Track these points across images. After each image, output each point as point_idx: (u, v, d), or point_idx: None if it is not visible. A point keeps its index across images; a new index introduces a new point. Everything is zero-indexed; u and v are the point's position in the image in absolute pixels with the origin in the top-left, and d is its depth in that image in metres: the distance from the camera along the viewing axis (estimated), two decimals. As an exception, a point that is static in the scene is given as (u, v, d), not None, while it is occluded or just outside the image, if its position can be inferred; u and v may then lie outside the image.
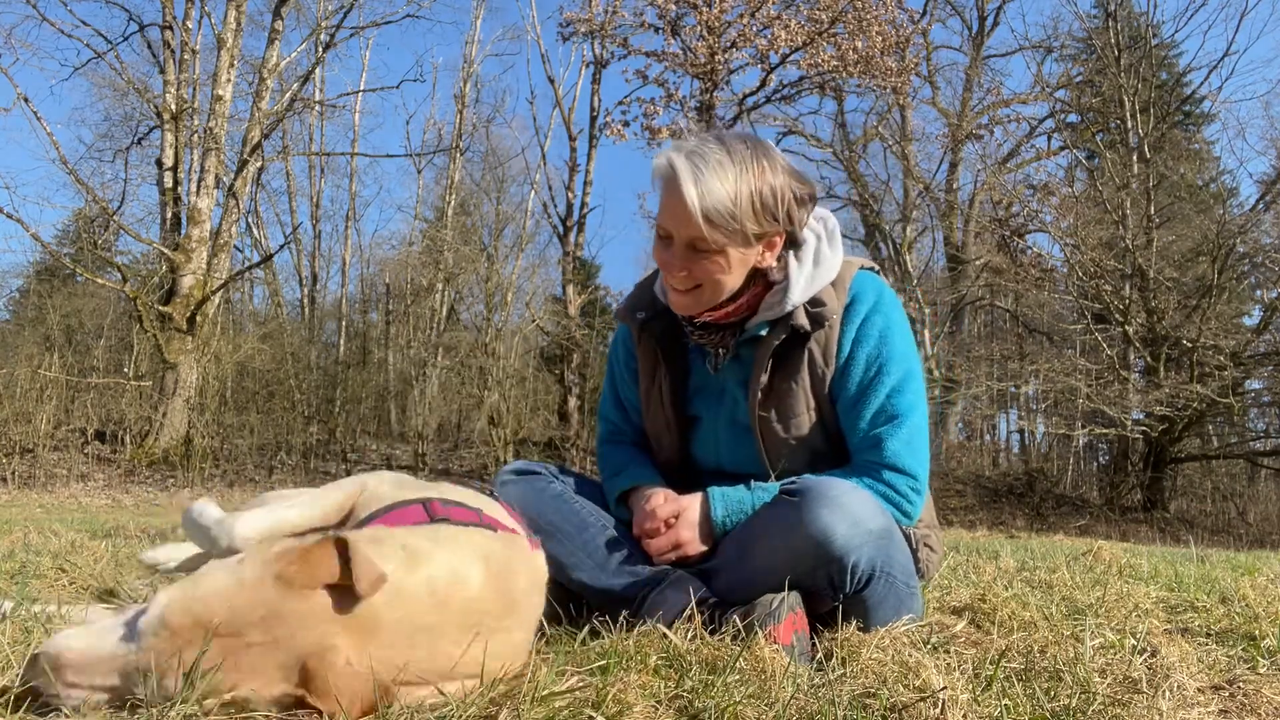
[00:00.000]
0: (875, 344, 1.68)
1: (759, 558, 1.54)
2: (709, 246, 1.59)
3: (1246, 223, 16.89)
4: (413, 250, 22.88)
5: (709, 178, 1.55)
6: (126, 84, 16.08)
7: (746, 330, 1.73)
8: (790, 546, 1.47)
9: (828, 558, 1.44)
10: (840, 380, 1.69)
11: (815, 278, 1.68)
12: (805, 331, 1.67)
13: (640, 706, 1.05)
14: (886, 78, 14.17)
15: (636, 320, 1.83)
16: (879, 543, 1.48)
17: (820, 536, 1.43)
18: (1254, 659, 1.47)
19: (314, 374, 18.63)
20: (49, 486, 12.54)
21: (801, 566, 1.47)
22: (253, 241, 23.12)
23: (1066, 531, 12.92)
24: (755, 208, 1.58)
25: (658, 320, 1.82)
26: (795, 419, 1.70)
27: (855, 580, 1.48)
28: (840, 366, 1.69)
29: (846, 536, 1.43)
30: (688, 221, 1.56)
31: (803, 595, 1.50)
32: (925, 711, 1.07)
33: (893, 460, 1.63)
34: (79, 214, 17.68)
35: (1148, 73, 18.53)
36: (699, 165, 1.56)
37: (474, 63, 23.36)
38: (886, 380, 1.66)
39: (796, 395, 1.69)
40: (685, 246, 1.61)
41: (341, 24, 17.94)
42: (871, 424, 1.66)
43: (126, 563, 2.41)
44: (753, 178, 1.57)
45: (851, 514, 1.45)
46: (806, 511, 1.45)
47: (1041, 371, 17.41)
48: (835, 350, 1.69)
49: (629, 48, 15.02)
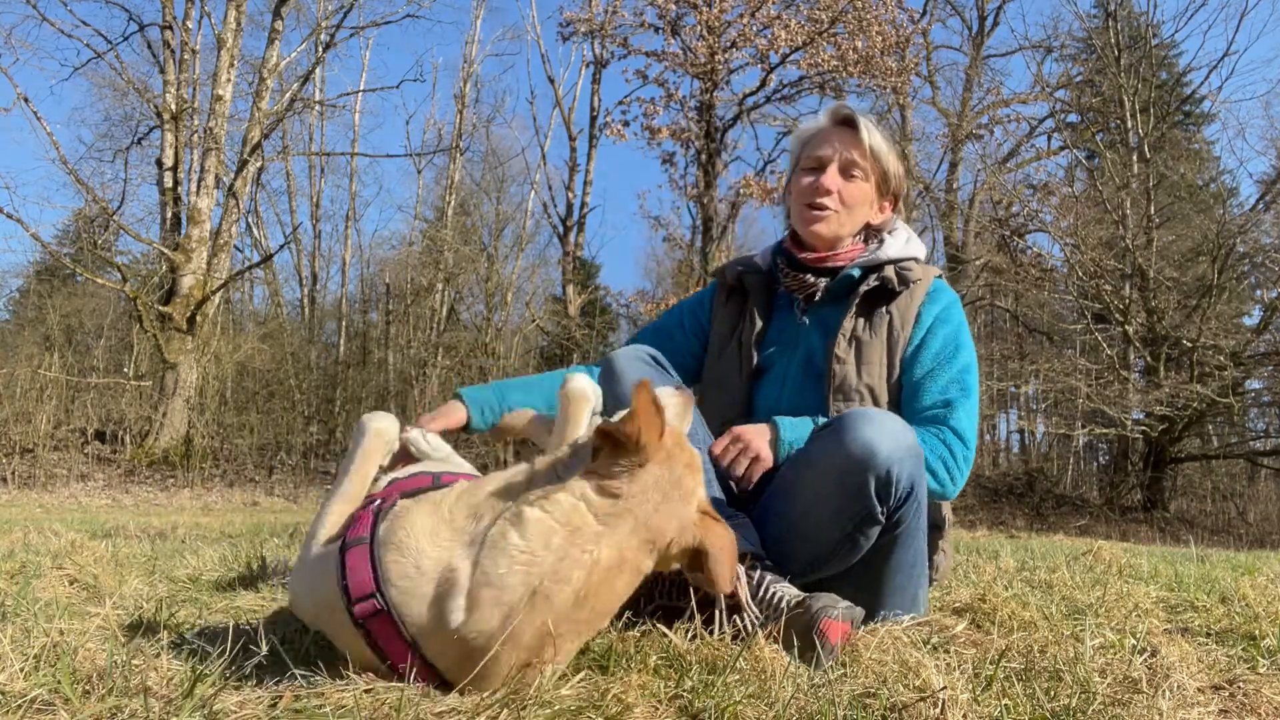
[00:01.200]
0: (954, 328, 1.88)
1: (809, 487, 1.59)
2: (860, 174, 1.90)
3: (1246, 223, 16.89)
4: (413, 250, 22.89)
5: (873, 127, 1.92)
6: (126, 84, 16.09)
7: (839, 276, 1.91)
8: (836, 466, 1.53)
9: (873, 466, 1.51)
10: (917, 352, 1.85)
11: (906, 249, 1.94)
12: (891, 285, 1.86)
13: (640, 707, 1.06)
14: (886, 78, 14.16)
15: (735, 271, 2.04)
16: (915, 460, 1.57)
17: (865, 451, 1.50)
18: (1254, 659, 1.47)
19: (314, 374, 18.63)
20: (49, 486, 12.54)
21: (850, 482, 1.52)
22: (253, 241, 23.14)
23: (1066, 531, 12.93)
24: (897, 165, 1.95)
25: (754, 274, 2.03)
26: (868, 365, 1.84)
27: (898, 494, 1.55)
28: (920, 339, 1.86)
29: (889, 449, 1.52)
30: (857, 146, 1.89)
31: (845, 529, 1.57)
32: (925, 711, 1.07)
33: (957, 425, 1.75)
34: (79, 214, 17.68)
35: (1148, 73, 18.53)
36: (865, 117, 1.92)
37: (474, 63, 23.38)
38: (959, 359, 1.84)
39: (874, 346, 1.85)
40: (840, 170, 1.90)
41: (341, 24, 17.95)
42: (944, 390, 1.80)
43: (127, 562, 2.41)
44: (894, 144, 1.97)
45: (890, 430, 1.54)
46: (849, 430, 1.53)
47: (1041, 371, 17.41)
48: (914, 321, 1.87)
49: (629, 48, 15.02)
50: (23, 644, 1.19)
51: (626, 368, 1.77)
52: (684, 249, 17.92)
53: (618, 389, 1.72)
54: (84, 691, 1.05)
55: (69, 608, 1.60)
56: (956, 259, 19.24)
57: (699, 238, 16.34)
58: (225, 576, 2.16)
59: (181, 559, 2.41)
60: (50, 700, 1.02)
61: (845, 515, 1.55)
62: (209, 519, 6.62)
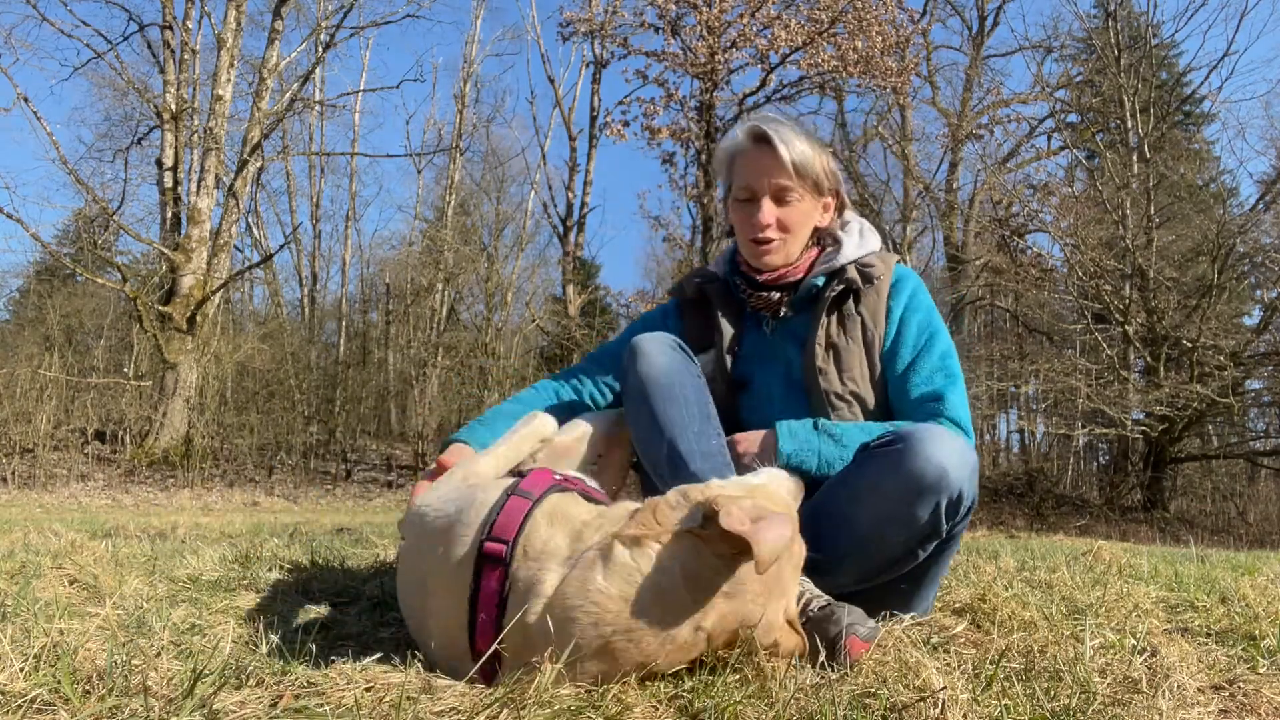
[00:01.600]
0: (925, 314, 1.89)
1: (869, 514, 1.57)
2: (793, 196, 1.85)
3: (1246, 223, 16.88)
4: (413, 250, 22.90)
5: (790, 137, 1.84)
6: (126, 84, 16.08)
7: (801, 288, 1.90)
8: (906, 490, 1.52)
9: (947, 487, 1.51)
10: (895, 346, 1.86)
11: (862, 245, 1.93)
12: (856, 286, 1.86)
13: (640, 707, 1.05)
14: (886, 78, 14.16)
15: (694, 284, 2.02)
16: (975, 474, 1.58)
17: (939, 472, 1.49)
18: (1254, 659, 1.47)
19: (314, 374, 18.63)
20: (49, 486, 12.54)
21: (923, 507, 1.51)
22: (253, 241, 23.15)
23: (1066, 531, 12.92)
24: (825, 167, 1.88)
25: (714, 283, 2.00)
26: (849, 372, 1.84)
27: (963, 510, 1.56)
28: (894, 333, 1.86)
29: (959, 467, 1.52)
30: (780, 171, 1.83)
31: (910, 547, 1.57)
32: (925, 711, 1.07)
33: (953, 414, 1.76)
34: (79, 214, 17.67)
35: (1148, 73, 18.53)
36: (780, 129, 1.84)
37: (474, 63, 23.39)
38: (937, 345, 1.85)
39: (852, 351, 1.85)
40: (772, 199, 1.86)
41: (341, 24, 17.95)
42: (929, 381, 1.81)
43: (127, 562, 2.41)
44: (816, 143, 1.89)
45: (956, 448, 1.53)
46: (918, 454, 1.51)
47: (1041, 371, 17.40)
48: (884, 315, 1.87)
49: (629, 48, 15.02)
50: (23, 644, 1.19)
51: (654, 350, 1.74)
52: (684, 249, 17.91)
53: (644, 368, 1.71)
54: (84, 691, 1.05)
55: (69, 608, 1.60)
56: (956, 259, 19.24)
57: (699, 238, 16.34)
58: (225, 576, 2.16)
59: (181, 559, 2.41)
60: (50, 700, 1.02)
61: (913, 534, 1.55)
62: (209, 519, 6.61)
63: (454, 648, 1.21)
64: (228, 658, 1.22)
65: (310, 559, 2.64)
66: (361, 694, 1.08)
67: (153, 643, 1.29)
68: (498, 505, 1.25)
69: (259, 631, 1.48)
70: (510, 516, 1.22)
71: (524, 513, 1.22)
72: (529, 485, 1.30)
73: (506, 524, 1.21)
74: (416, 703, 1.05)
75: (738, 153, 1.90)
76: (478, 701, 1.05)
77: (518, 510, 1.23)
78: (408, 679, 1.12)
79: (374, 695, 1.09)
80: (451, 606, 1.21)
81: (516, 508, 1.24)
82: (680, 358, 1.77)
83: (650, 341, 1.78)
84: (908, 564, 1.61)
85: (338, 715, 1.01)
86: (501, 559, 1.18)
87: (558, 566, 1.15)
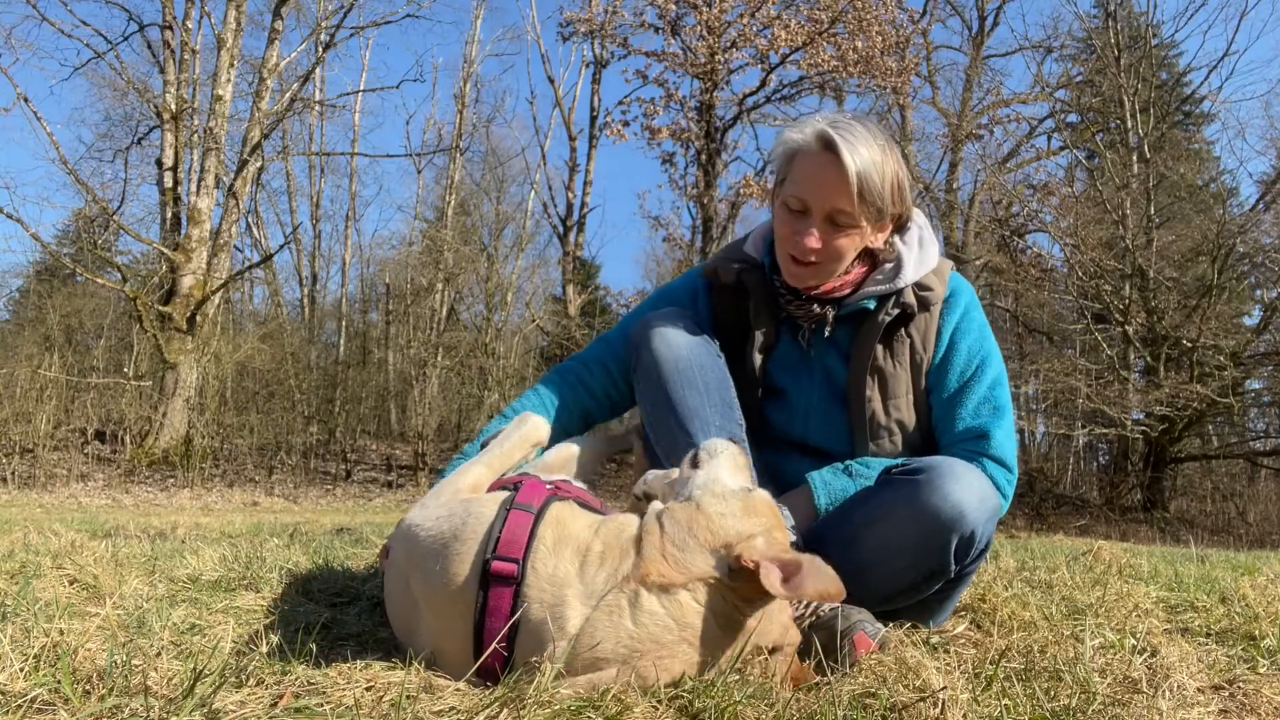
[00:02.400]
0: (977, 337, 1.73)
1: (876, 541, 1.52)
2: (849, 221, 1.61)
3: (1246, 223, 16.89)
4: (413, 250, 22.89)
5: (864, 152, 1.55)
6: (126, 84, 16.09)
7: (848, 305, 1.72)
8: (919, 523, 1.46)
9: (961, 530, 1.45)
10: (942, 368, 1.71)
11: (923, 260, 1.72)
12: (912, 311, 1.69)
13: (640, 707, 1.05)
14: (886, 78, 14.17)
15: (733, 270, 1.79)
16: (994, 518, 1.52)
17: (955, 512, 1.44)
18: (1254, 659, 1.47)
19: (314, 374, 18.63)
20: (49, 486, 12.54)
21: (933, 542, 1.47)
22: (253, 241, 23.15)
23: (1066, 531, 12.93)
24: (894, 187, 1.61)
25: (753, 272, 1.79)
26: (895, 400, 1.71)
27: (975, 551, 1.51)
28: (942, 355, 1.72)
29: (977, 509, 1.46)
30: (841, 193, 1.57)
31: (913, 581, 1.52)
32: (925, 711, 1.07)
33: (997, 453, 1.65)
34: (79, 214, 17.67)
35: (1148, 73, 18.53)
36: (853, 142, 1.56)
37: (474, 63, 23.39)
38: (988, 372, 1.70)
39: (899, 377, 1.71)
40: (825, 219, 1.61)
41: (341, 24, 17.95)
42: (975, 414, 1.68)
43: (127, 562, 2.41)
44: (893, 159, 1.61)
45: (977, 489, 1.48)
46: (936, 489, 1.45)
47: (1041, 371, 17.40)
48: (935, 338, 1.72)
49: (629, 48, 15.04)
50: (23, 644, 1.19)
51: (671, 329, 1.66)
52: (684, 249, 17.92)
53: (660, 346, 1.63)
54: (84, 691, 1.05)
55: (69, 608, 1.60)
56: (956, 259, 19.21)
57: (699, 238, 16.35)
58: (225, 576, 2.16)
59: (181, 559, 2.41)
60: (50, 700, 1.02)
61: (919, 570, 1.51)
62: (209, 519, 6.61)
63: (453, 669, 1.20)
64: (228, 658, 1.22)
65: (310, 559, 2.64)
66: (361, 693, 1.08)
67: (153, 643, 1.29)
68: (499, 521, 1.22)
69: (259, 631, 1.48)
70: (515, 532, 1.19)
71: (529, 528, 1.20)
72: (526, 498, 1.27)
73: (512, 541, 1.19)
74: (416, 702, 1.05)
75: (800, 153, 1.64)
76: (478, 701, 1.05)
77: (521, 526, 1.20)
78: (407, 678, 1.12)
79: (374, 694, 1.09)
80: (452, 628, 1.19)
81: (519, 523, 1.21)
82: (701, 338, 1.67)
83: (666, 319, 1.67)
84: (910, 598, 1.56)
85: (338, 715, 1.01)
86: (512, 578, 1.16)
87: (578, 601, 1.14)
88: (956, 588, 1.61)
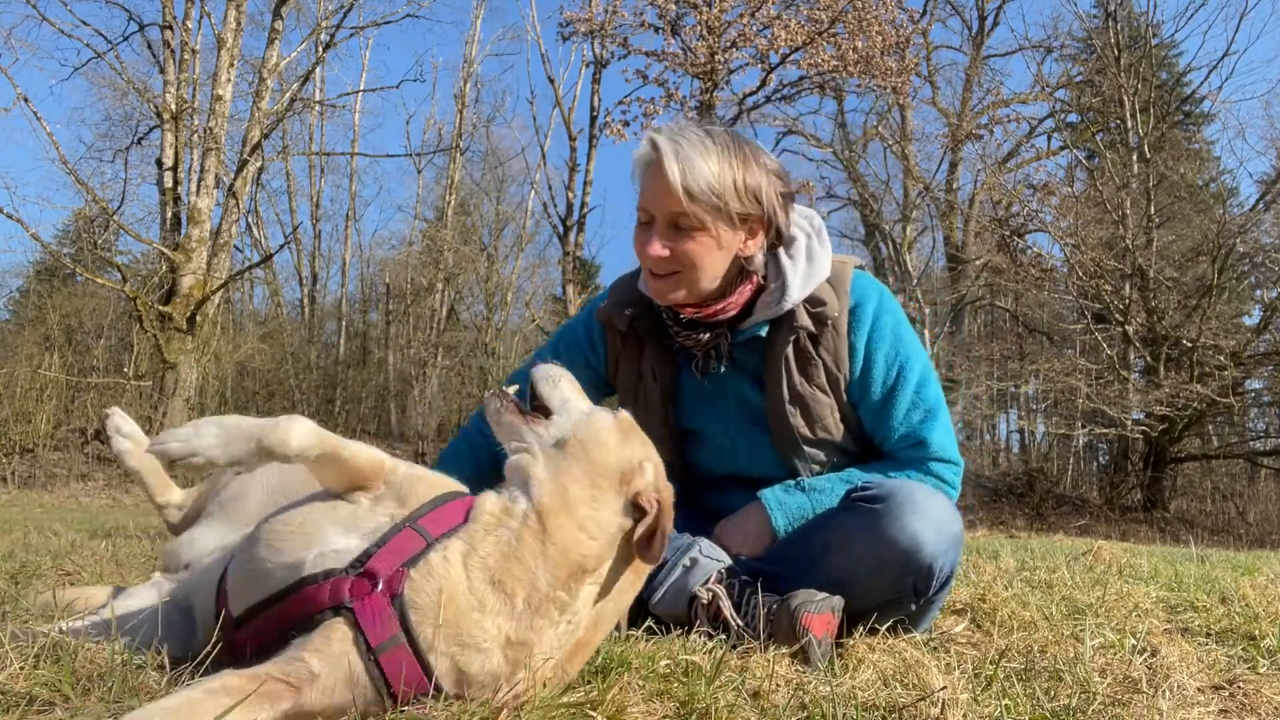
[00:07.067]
0: (891, 343, 1.70)
1: (835, 568, 1.51)
2: (691, 223, 1.57)
3: (1246, 223, 16.88)
4: (413, 250, 22.90)
5: (690, 154, 1.54)
6: (126, 84, 16.08)
7: (742, 331, 1.69)
8: (876, 555, 1.46)
9: (917, 565, 1.45)
10: (863, 382, 1.70)
11: (810, 274, 1.67)
12: (810, 332, 1.65)
13: (640, 707, 1.05)
14: (886, 78, 14.15)
15: (625, 317, 1.75)
16: (957, 547, 1.51)
17: (911, 545, 1.43)
18: (1254, 659, 1.47)
19: (314, 374, 18.63)
20: (49, 486, 12.54)
21: (887, 575, 1.46)
22: (253, 241, 23.12)
23: (1066, 531, 12.92)
24: (736, 185, 1.56)
25: (646, 318, 1.76)
26: (821, 421, 1.70)
27: (938, 584, 1.49)
28: (860, 370, 1.69)
29: (935, 543, 1.45)
30: (669, 196, 1.54)
31: (874, 606, 1.50)
32: (925, 711, 1.07)
33: (939, 452, 1.67)
34: (79, 214, 17.66)
35: (1148, 73, 18.53)
36: (679, 143, 1.56)
37: (474, 63, 23.38)
38: (910, 376, 1.69)
39: (820, 400, 1.69)
40: (667, 225, 1.59)
41: (341, 24, 17.94)
42: (906, 421, 1.68)
43: (127, 562, 2.41)
44: (732, 157, 1.57)
45: (936, 520, 1.46)
46: (894, 520, 1.44)
47: (1041, 371, 17.41)
48: (848, 353, 1.69)
49: (629, 48, 15.02)
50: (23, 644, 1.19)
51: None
52: (684, 249, 17.89)
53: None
54: (84, 691, 1.05)
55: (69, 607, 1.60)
56: (956, 259, 19.23)
57: (699, 238, 16.30)
58: (225, 576, 2.16)
59: (181, 559, 2.40)
60: (50, 700, 1.02)
61: (880, 595, 1.50)
62: (209, 519, 6.60)
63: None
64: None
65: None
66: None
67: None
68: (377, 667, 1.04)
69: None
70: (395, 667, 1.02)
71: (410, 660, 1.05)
72: (377, 635, 1.03)
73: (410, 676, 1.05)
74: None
75: (639, 164, 1.63)
76: (475, 704, 1.05)
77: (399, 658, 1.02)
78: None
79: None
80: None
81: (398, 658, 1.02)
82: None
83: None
84: (880, 621, 1.54)
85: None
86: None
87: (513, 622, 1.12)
88: (928, 611, 1.59)
